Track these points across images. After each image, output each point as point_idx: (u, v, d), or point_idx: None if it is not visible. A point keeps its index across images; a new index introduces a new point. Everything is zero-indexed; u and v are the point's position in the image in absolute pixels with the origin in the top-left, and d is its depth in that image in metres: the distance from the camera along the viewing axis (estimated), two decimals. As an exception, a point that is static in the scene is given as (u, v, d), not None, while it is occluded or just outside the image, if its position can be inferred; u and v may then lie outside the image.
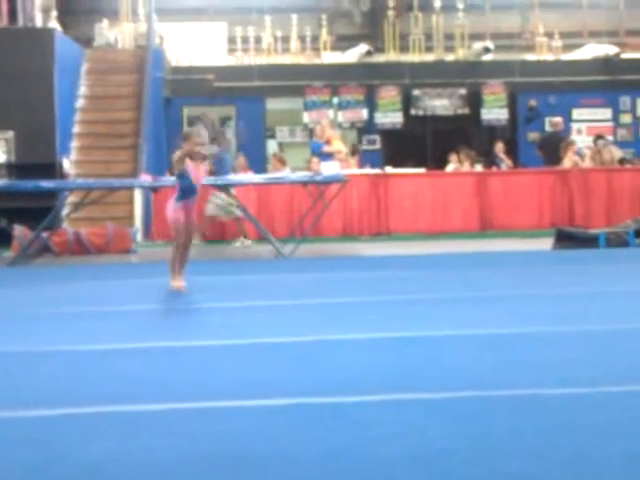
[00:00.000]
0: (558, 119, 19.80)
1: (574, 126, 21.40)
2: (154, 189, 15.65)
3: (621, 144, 20.75)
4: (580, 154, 18.59)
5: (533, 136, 20.97)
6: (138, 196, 16.46)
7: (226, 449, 4.26)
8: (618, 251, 13.34)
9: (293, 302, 8.90)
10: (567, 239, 13.91)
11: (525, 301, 8.61)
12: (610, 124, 21.69)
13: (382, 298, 9.07)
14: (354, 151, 19.69)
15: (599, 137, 19.59)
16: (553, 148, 18.24)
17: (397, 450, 4.23)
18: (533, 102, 21.53)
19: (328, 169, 15.87)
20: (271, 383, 5.59)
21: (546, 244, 14.02)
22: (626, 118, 21.82)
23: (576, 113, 21.62)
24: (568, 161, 17.67)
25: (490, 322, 7.60)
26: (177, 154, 9.31)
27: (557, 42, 23.00)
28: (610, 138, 20.76)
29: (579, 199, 16.45)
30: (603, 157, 18.52)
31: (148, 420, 4.78)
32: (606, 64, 22.09)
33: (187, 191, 9.25)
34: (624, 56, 22.81)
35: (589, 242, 13.78)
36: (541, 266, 11.80)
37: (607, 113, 21.80)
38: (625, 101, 21.78)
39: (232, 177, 15.38)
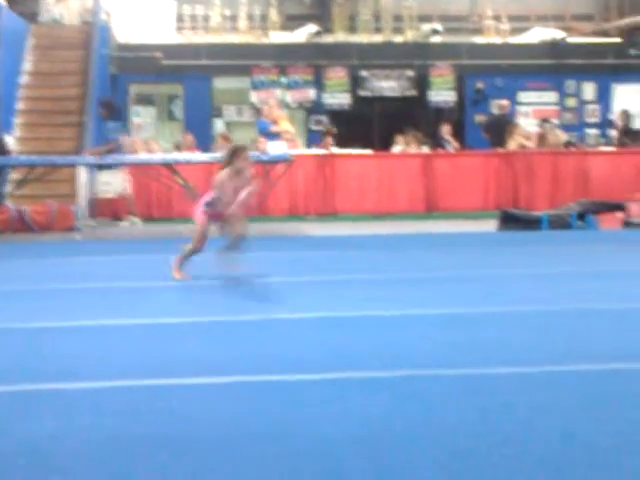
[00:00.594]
0: (504, 102, 19.91)
1: (520, 109, 21.52)
2: (98, 167, 15.51)
3: (566, 127, 20.93)
4: (529, 136, 18.73)
5: (480, 118, 21.08)
6: (82, 174, 16.27)
7: (166, 428, 4.22)
8: (561, 233, 13.48)
9: (238, 281, 8.88)
10: (511, 221, 14.03)
11: (470, 282, 8.67)
12: (556, 107, 21.86)
13: (328, 278, 9.07)
14: (328, 132, 19.57)
15: (545, 120, 19.74)
16: (499, 131, 18.35)
17: (341, 429, 4.24)
18: (480, 85, 21.63)
19: (275, 149, 15.82)
20: (214, 361, 5.56)
21: (491, 226, 14.12)
22: (571, 102, 22.00)
23: (522, 96, 21.75)
24: (513, 143, 17.78)
25: (435, 302, 7.63)
26: (223, 176, 8.67)
27: (505, 25, 23.09)
28: (556, 122, 20.93)
29: (524, 181, 16.58)
30: (548, 140, 18.67)
31: (87, 398, 4.73)
32: (552, 48, 22.23)
33: (217, 204, 8.74)
34: (570, 40, 22.96)
35: (533, 224, 13.91)
36: (486, 247, 11.87)
37: (553, 96, 21.96)
38: (570, 85, 21.95)
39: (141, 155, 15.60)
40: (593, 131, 21.68)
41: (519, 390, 4.94)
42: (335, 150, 17.67)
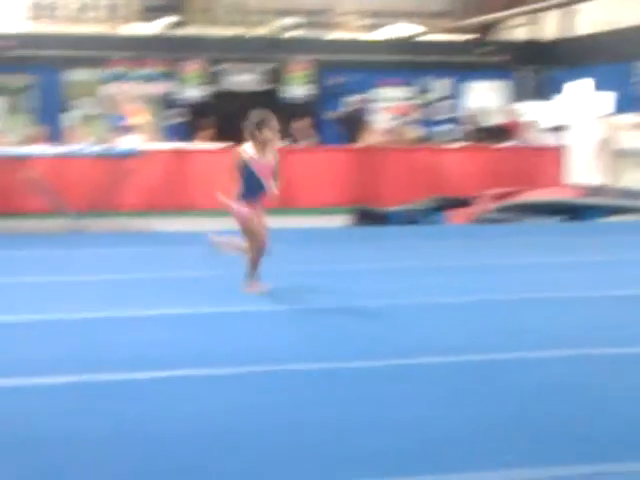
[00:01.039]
0: (360, 97, 20.06)
1: (376, 105, 21.72)
2: None
3: (421, 124, 21.25)
4: (383, 131, 18.92)
5: (335, 114, 21.17)
6: None
7: (4, 430, 4.11)
8: (410, 228, 13.62)
9: (88, 278, 8.77)
10: (365, 216, 14.13)
11: (318, 277, 8.69)
12: (411, 103, 22.13)
13: (179, 274, 9.00)
14: (206, 126, 19.28)
15: (400, 116, 19.98)
16: (355, 126, 18.47)
17: (190, 426, 4.23)
18: (337, 80, 21.73)
19: (127, 142, 15.58)
20: (56, 360, 5.50)
21: (344, 221, 14.18)
22: (427, 98, 22.30)
23: (379, 92, 21.95)
24: (369, 139, 17.93)
25: (288, 298, 7.64)
26: (247, 152, 7.78)
27: (363, 21, 23.28)
28: (411, 118, 21.21)
29: (377, 177, 16.71)
30: (403, 136, 18.89)
31: None
32: (410, 44, 22.55)
33: (251, 188, 7.79)
34: (427, 37, 23.33)
35: (386, 219, 14.03)
36: (337, 243, 11.93)
37: (409, 93, 22.22)
38: (427, 82, 22.25)
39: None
40: (448, 127, 22.03)
41: (373, 382, 5.01)
42: (185, 144, 17.50)
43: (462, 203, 14.71)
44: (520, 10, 21.24)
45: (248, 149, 7.81)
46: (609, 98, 19.37)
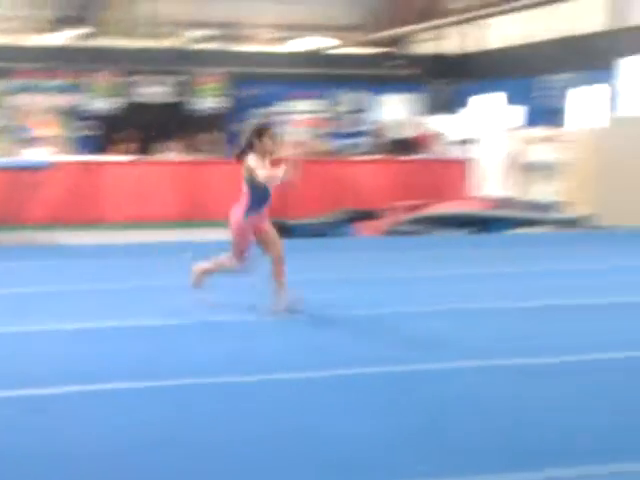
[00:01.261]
0: (272, 109, 20.08)
1: (288, 117, 21.77)
2: None
3: (332, 136, 21.34)
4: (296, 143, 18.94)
5: (240, 127, 21.12)
6: None
7: None
8: (322, 241, 13.63)
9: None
10: (277, 229, 14.08)
11: (234, 290, 8.61)
12: (323, 116, 22.23)
13: (83, 287, 8.90)
14: (128, 138, 19.09)
15: (311, 129, 20.05)
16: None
17: (119, 441, 4.20)
18: (250, 92, 21.73)
19: (35, 155, 15.36)
20: None
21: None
22: (338, 111, 22.43)
23: (291, 105, 22.01)
24: (279, 151, 17.92)
25: (200, 312, 7.62)
26: (254, 161, 7.46)
27: (276, 34, 23.31)
28: (322, 130, 21.29)
29: (289, 189, 16.66)
30: (314, 148, 18.97)
31: None
32: (322, 57, 22.67)
33: (261, 200, 7.65)
34: (339, 50, 23.46)
35: (290, 232, 14.01)
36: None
37: (321, 105, 22.33)
38: (338, 94, 22.38)
39: None
40: (358, 140, 22.17)
41: (293, 395, 4.99)
42: (95, 157, 17.30)
43: (371, 215, 14.79)
44: (431, 24, 21.47)
45: (252, 160, 7.57)
46: (519, 111, 19.72)
